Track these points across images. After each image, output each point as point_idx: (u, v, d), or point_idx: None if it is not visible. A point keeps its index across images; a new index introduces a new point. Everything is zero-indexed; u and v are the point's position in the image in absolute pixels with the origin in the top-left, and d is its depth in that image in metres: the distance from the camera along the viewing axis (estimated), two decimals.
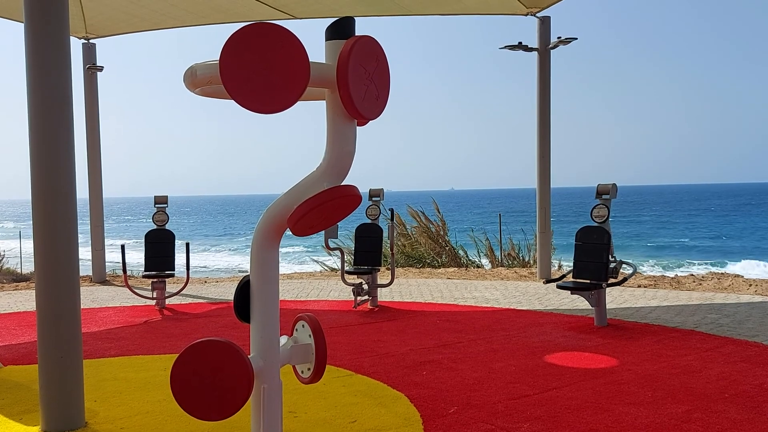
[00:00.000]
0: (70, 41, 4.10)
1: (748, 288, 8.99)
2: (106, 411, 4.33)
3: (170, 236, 8.38)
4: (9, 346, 6.40)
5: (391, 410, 4.28)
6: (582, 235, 6.94)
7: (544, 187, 10.41)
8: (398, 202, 14.97)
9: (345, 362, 5.47)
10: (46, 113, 3.94)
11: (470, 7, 10.46)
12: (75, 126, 4.09)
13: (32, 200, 3.98)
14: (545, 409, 4.23)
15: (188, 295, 9.31)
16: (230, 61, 2.34)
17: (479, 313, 7.69)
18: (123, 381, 5.06)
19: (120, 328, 7.19)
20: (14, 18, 9.63)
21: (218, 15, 10.60)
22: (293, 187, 2.66)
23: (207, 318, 7.78)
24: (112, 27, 11.00)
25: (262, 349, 2.69)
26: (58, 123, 3.96)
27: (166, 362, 5.55)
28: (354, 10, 10.07)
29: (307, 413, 4.24)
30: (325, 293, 9.49)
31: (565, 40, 9.92)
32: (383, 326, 7.02)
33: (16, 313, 8.33)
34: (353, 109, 2.54)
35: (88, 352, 5.89)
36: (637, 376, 4.96)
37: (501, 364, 5.34)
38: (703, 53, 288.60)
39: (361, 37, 2.56)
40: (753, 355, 5.48)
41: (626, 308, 7.75)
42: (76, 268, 4.07)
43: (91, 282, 11.07)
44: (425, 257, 13.83)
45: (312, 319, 2.89)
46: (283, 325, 2.80)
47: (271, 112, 2.41)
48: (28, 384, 4.93)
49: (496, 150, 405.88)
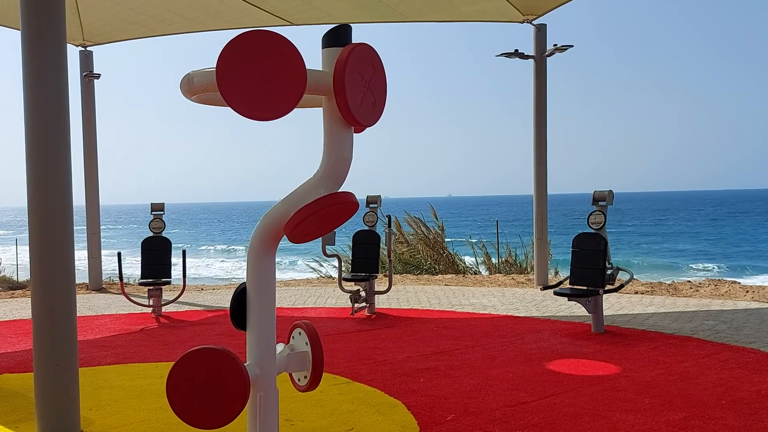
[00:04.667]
0: (67, 49, 4.10)
1: (745, 294, 9.00)
2: (102, 419, 4.31)
3: (167, 244, 8.36)
4: (5, 354, 6.37)
5: (389, 418, 4.27)
6: (579, 242, 6.95)
7: (541, 194, 10.42)
8: (396, 208, 14.99)
9: (342, 370, 5.46)
10: (43, 120, 3.94)
11: (467, 14, 10.49)
12: (72, 133, 4.09)
13: (28, 207, 3.97)
14: (543, 416, 4.22)
15: (185, 303, 9.29)
16: (227, 69, 2.34)
17: (477, 320, 7.68)
18: (119, 389, 5.04)
19: (116, 336, 7.16)
20: (11, 25, 9.63)
21: (215, 21, 10.61)
22: (290, 194, 2.66)
23: (203, 325, 7.75)
24: (109, 34, 11.00)
25: (258, 356, 2.68)
26: (55, 130, 3.95)
27: (162, 370, 5.53)
28: (351, 16, 10.10)
29: (304, 421, 4.23)
30: (322, 300, 9.47)
31: (561, 47, 9.96)
32: (381, 333, 7.01)
33: (12, 321, 8.30)
34: (350, 116, 2.54)
35: (84, 360, 5.87)
36: (635, 382, 4.95)
37: (498, 371, 5.33)
38: (697, 60, 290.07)
39: (358, 44, 2.57)
40: (750, 362, 5.48)
41: (623, 315, 7.75)
42: (72, 275, 4.06)
43: (87, 290, 11.03)
44: (423, 264, 13.82)
45: (309, 326, 2.88)
46: (280, 333, 2.80)
47: (268, 119, 2.41)
48: (24, 392, 4.91)
49: (494, 156, 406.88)
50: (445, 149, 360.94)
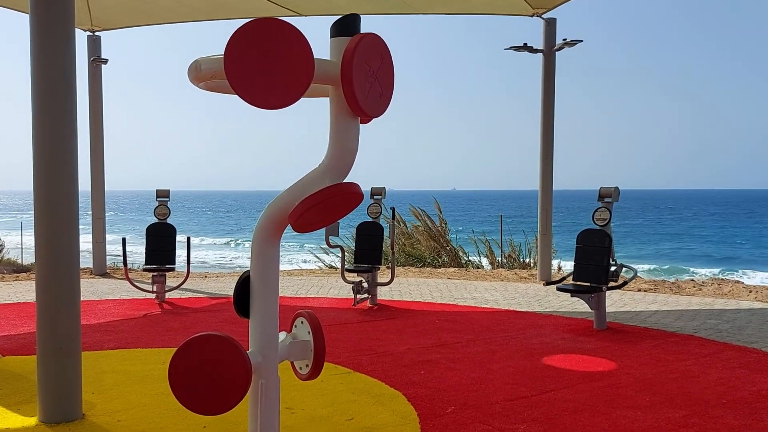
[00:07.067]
0: (75, 33, 4.10)
1: (748, 294, 8.98)
2: (104, 403, 4.33)
3: (171, 230, 8.38)
4: (8, 336, 6.40)
5: (389, 408, 4.28)
6: (583, 238, 6.93)
7: (546, 189, 10.38)
8: (400, 201, 14.96)
9: (343, 360, 5.48)
10: (50, 105, 3.94)
11: (476, 6, 10.45)
12: (78, 118, 4.09)
13: (34, 191, 3.99)
14: (543, 411, 4.23)
15: (188, 290, 9.31)
16: (235, 56, 2.33)
17: (478, 314, 7.69)
18: (121, 374, 5.06)
19: (119, 321, 7.19)
20: (19, 9, 9.63)
21: (223, 11, 10.59)
22: (295, 184, 2.66)
23: (206, 312, 7.78)
24: (117, 20, 10.99)
25: (260, 344, 2.69)
26: (62, 115, 3.96)
27: (164, 356, 5.56)
28: (360, 7, 10.06)
29: (305, 410, 4.25)
30: (324, 290, 9.49)
31: (570, 42, 9.90)
32: (382, 325, 7.02)
33: (16, 303, 8.34)
34: (357, 106, 2.54)
35: (87, 344, 5.90)
36: (636, 380, 4.95)
37: (499, 365, 5.34)
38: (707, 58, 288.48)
39: (366, 34, 2.56)
40: (752, 362, 5.47)
41: (626, 312, 7.74)
42: (77, 259, 4.08)
43: (91, 274, 11.07)
44: (425, 257, 13.82)
45: (311, 315, 2.89)
46: (283, 321, 2.80)
47: (275, 108, 2.41)
48: (27, 375, 4.94)
49: (499, 151, 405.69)
50: (451, 143, 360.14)
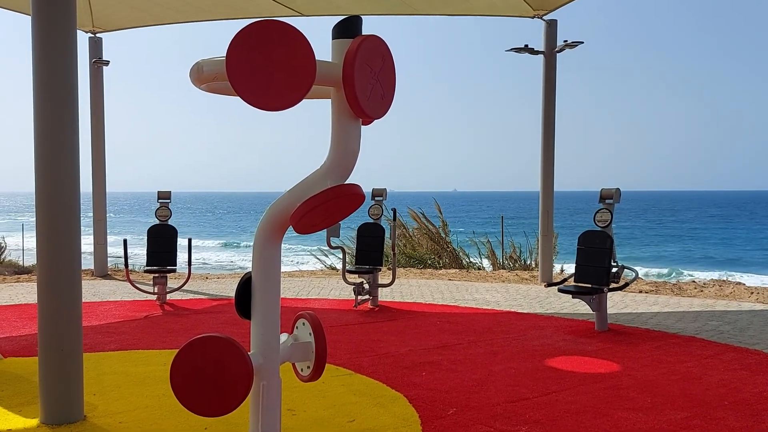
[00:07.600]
0: (76, 35, 4.10)
1: (750, 296, 8.97)
2: (105, 405, 4.33)
3: (173, 231, 8.38)
4: (10, 338, 6.41)
5: (390, 410, 4.28)
6: (584, 239, 6.93)
7: (548, 190, 10.38)
8: (401, 202, 14.97)
9: (344, 361, 5.47)
10: (52, 106, 3.95)
11: (478, 7, 10.44)
12: (80, 120, 4.10)
13: (36, 193, 3.99)
14: (544, 413, 4.22)
15: (189, 291, 9.31)
16: (237, 58, 2.34)
17: (480, 315, 7.68)
18: (122, 375, 5.06)
19: (120, 323, 7.19)
20: (21, 11, 9.65)
21: (225, 11, 10.60)
22: (296, 185, 2.66)
23: (208, 314, 7.78)
24: (118, 21, 11.01)
25: (262, 346, 2.69)
26: (63, 116, 3.96)
27: (166, 357, 5.55)
28: (361, 8, 10.07)
29: (306, 411, 4.24)
30: (325, 292, 9.49)
31: (571, 43, 9.90)
32: (383, 326, 7.02)
33: (17, 305, 8.34)
34: (358, 108, 2.54)
35: (89, 346, 5.89)
36: (637, 381, 4.95)
37: (501, 367, 5.34)
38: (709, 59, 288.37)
39: (368, 36, 2.56)
40: (753, 363, 5.46)
41: (627, 313, 7.73)
42: (78, 261, 4.08)
43: (92, 276, 11.08)
44: (426, 258, 13.82)
45: (312, 317, 2.89)
46: (284, 323, 2.81)
47: (277, 110, 2.41)
48: (28, 376, 4.94)
49: (500, 152, 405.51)
50: (452, 144, 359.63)
